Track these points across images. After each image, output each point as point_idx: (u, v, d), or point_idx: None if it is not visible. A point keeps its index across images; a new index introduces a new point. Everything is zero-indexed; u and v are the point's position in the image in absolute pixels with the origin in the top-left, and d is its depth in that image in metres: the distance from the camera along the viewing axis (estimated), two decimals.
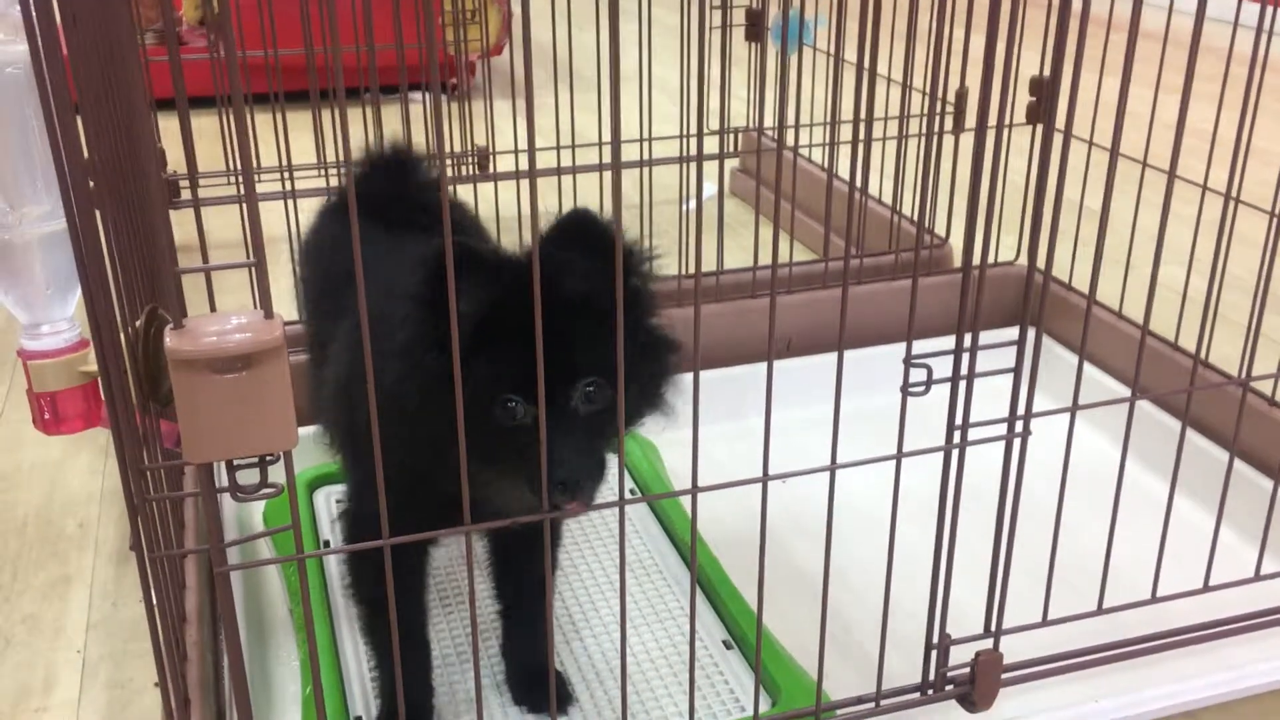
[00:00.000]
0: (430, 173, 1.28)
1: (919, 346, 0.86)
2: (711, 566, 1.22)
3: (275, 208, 1.45)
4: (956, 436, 0.91)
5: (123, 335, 0.81)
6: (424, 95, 1.81)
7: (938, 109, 1.70)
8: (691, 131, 1.85)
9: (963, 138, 1.73)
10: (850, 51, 0.88)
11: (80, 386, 1.21)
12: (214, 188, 1.81)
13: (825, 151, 2.13)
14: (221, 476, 0.70)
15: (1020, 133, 1.21)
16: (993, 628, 0.99)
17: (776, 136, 1.83)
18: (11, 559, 1.34)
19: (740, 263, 1.73)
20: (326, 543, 1.28)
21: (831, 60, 1.67)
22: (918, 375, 0.86)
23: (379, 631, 1.02)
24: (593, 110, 1.67)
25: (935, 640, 0.97)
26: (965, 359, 0.88)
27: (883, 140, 1.75)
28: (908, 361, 0.86)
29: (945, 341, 0.87)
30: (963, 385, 0.89)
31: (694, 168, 1.79)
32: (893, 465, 0.90)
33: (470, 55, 2.29)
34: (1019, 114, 1.30)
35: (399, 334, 0.81)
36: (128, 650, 1.19)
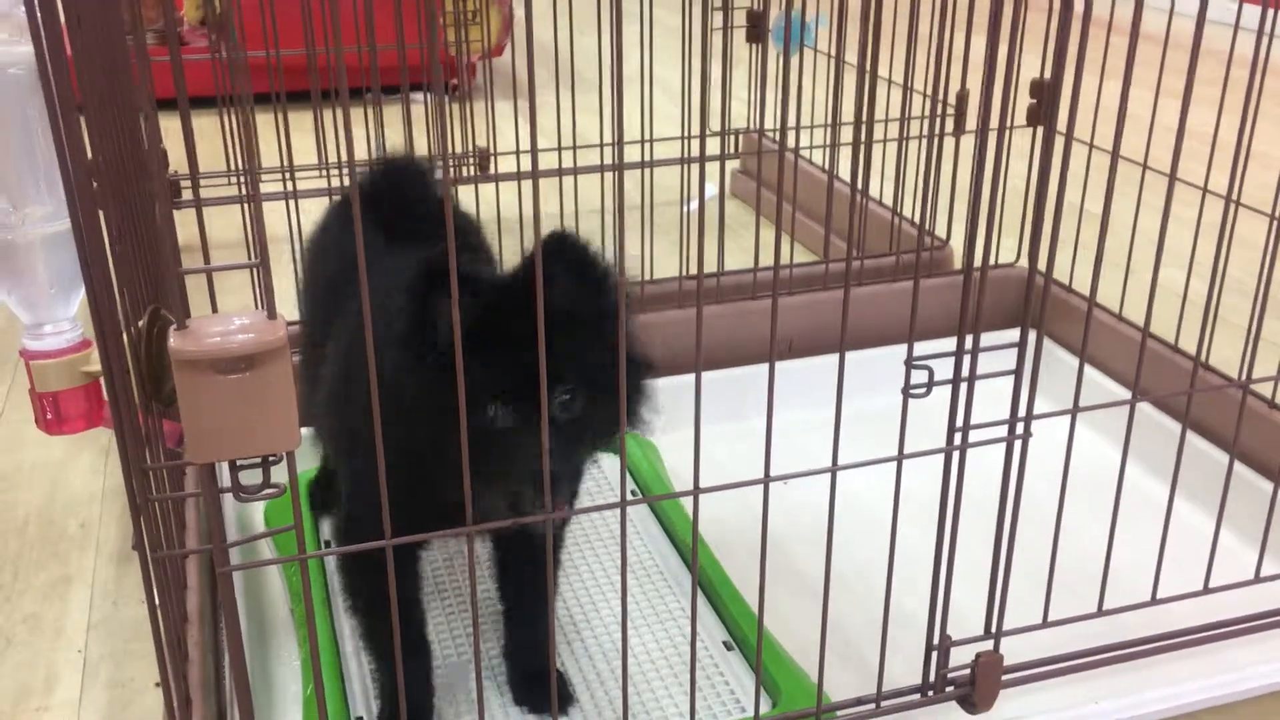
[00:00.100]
0: (435, 181, 1.29)
1: (920, 348, 0.87)
2: (712, 567, 1.23)
3: (276, 208, 1.45)
4: (957, 438, 0.91)
5: (125, 336, 0.81)
6: (425, 96, 1.81)
7: (939, 111, 1.70)
8: (693, 133, 1.85)
9: (963, 140, 1.73)
10: (851, 53, 0.88)
11: (82, 386, 1.21)
12: (214, 188, 1.81)
13: (826, 153, 2.14)
14: (224, 477, 0.70)
15: (1020, 135, 1.21)
16: (993, 629, 0.99)
17: (778, 138, 1.83)
18: (12, 559, 1.34)
19: (741, 264, 1.73)
20: (328, 543, 1.28)
21: (832, 62, 1.67)
22: (919, 377, 0.86)
23: (378, 636, 1.02)
24: (594, 111, 1.67)
25: (936, 641, 0.97)
26: (966, 361, 0.89)
27: (883, 142, 1.76)
28: (909, 363, 0.87)
29: (946, 343, 0.87)
30: (964, 387, 0.89)
31: (695, 168, 1.79)
32: (893, 467, 0.90)
33: (471, 56, 2.29)
34: (1019, 116, 1.30)
35: (395, 328, 0.82)
36: (129, 650, 1.19)
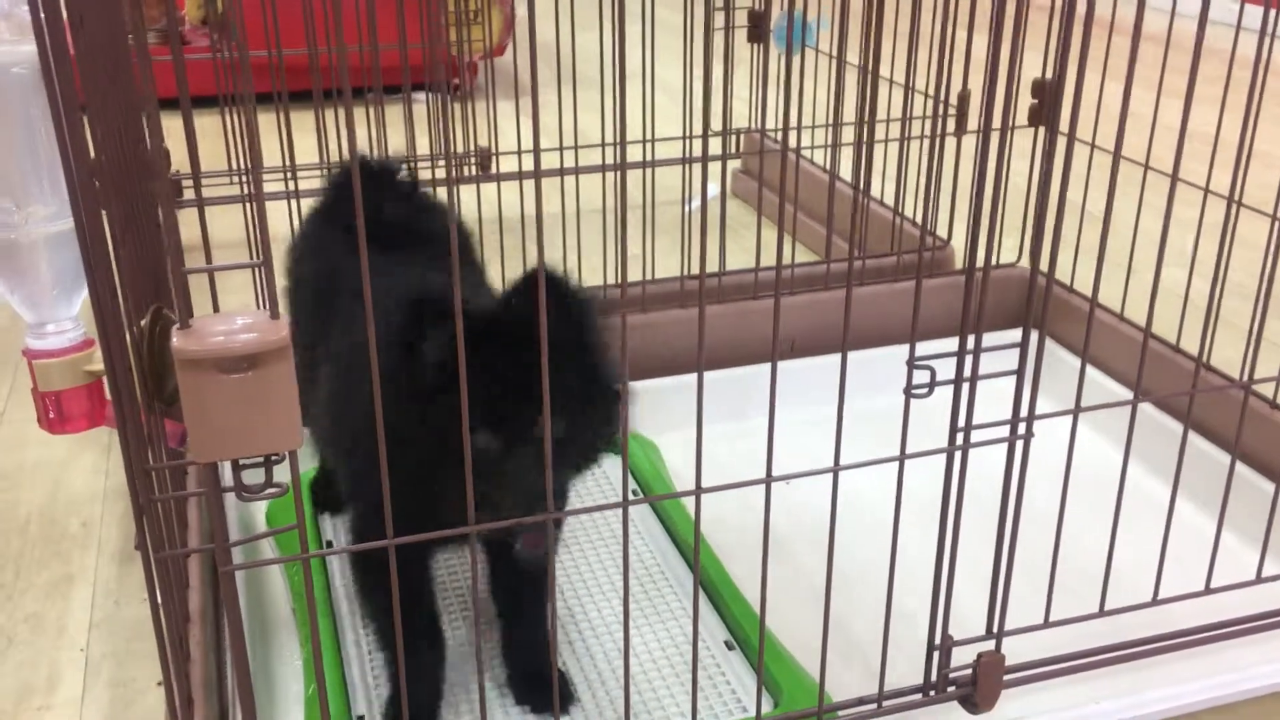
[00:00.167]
0: (409, 180, 1.29)
1: (921, 348, 0.87)
2: (713, 567, 1.23)
3: (278, 207, 1.45)
4: (959, 438, 0.91)
5: (127, 335, 0.81)
6: (427, 95, 1.81)
7: (941, 111, 1.70)
8: (693, 132, 1.85)
9: (964, 139, 1.73)
10: (853, 53, 0.88)
11: (85, 386, 1.21)
12: (215, 187, 1.81)
13: (827, 153, 2.14)
14: (226, 476, 0.70)
15: (1021, 135, 1.21)
16: (995, 629, 0.99)
17: (781, 138, 1.83)
18: (14, 558, 1.34)
19: (741, 264, 1.73)
20: (329, 543, 1.28)
21: (833, 62, 1.67)
22: (921, 377, 0.86)
23: (391, 634, 1.03)
24: (595, 110, 1.67)
25: (937, 641, 0.97)
26: (968, 361, 0.89)
27: (885, 142, 1.76)
28: (911, 363, 0.87)
29: (947, 343, 0.88)
30: (965, 387, 0.89)
31: (696, 168, 1.79)
32: (893, 466, 0.90)
33: (473, 55, 2.29)
34: (1021, 116, 1.30)
35: (382, 364, 0.85)
36: (130, 649, 1.20)
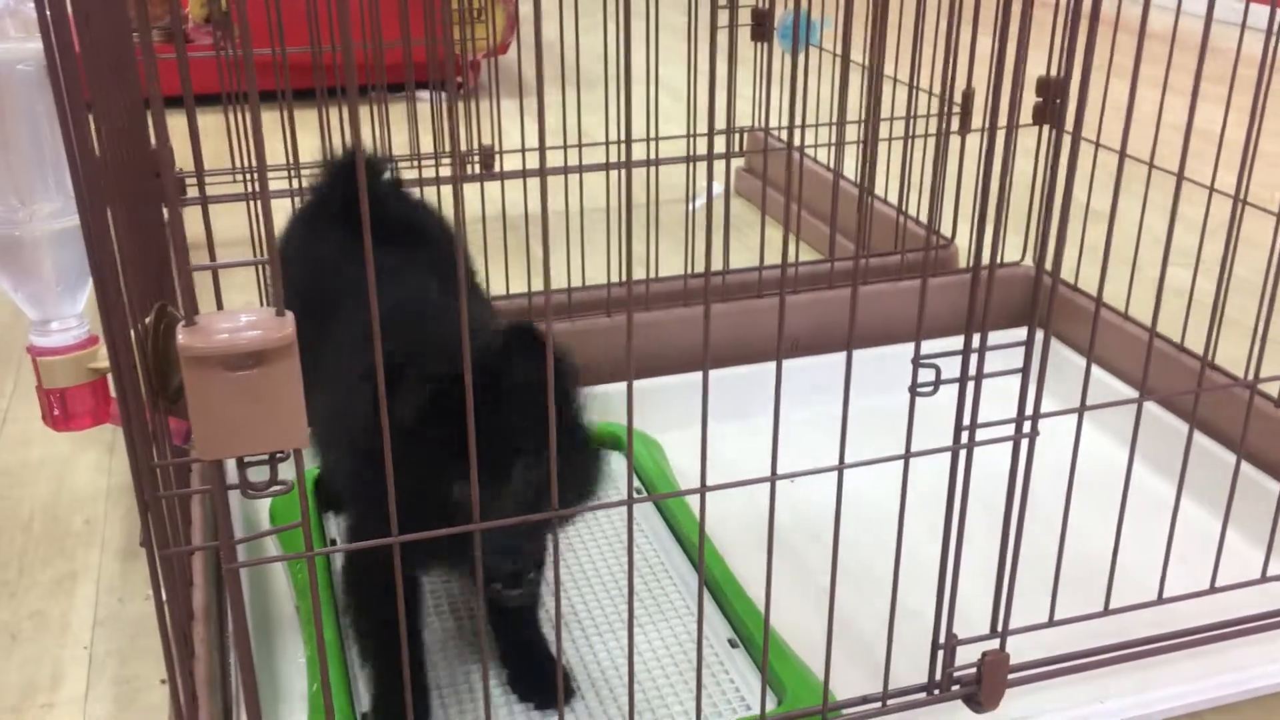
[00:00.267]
0: (390, 177, 1.29)
1: (925, 347, 0.86)
2: (717, 565, 1.23)
3: (280, 205, 1.45)
4: (965, 437, 0.91)
5: (132, 332, 0.81)
6: (431, 94, 1.81)
7: (945, 110, 1.70)
8: (697, 131, 1.85)
9: (969, 138, 1.73)
10: (857, 52, 0.88)
11: (89, 383, 1.21)
12: (219, 185, 1.81)
13: (830, 151, 2.14)
14: (231, 474, 0.70)
15: (1025, 133, 1.21)
16: (999, 628, 0.99)
17: (786, 137, 1.82)
18: (18, 555, 1.34)
19: (745, 262, 1.73)
20: (334, 540, 1.28)
21: (837, 60, 1.67)
22: (926, 375, 0.86)
23: (378, 655, 1.04)
24: (597, 109, 1.67)
25: (942, 640, 0.97)
26: (973, 359, 0.89)
27: (889, 140, 1.75)
28: (916, 361, 0.87)
29: (951, 342, 0.87)
30: (971, 385, 0.89)
31: (699, 167, 1.79)
32: (897, 465, 0.90)
33: (476, 54, 2.29)
34: (1025, 114, 1.30)
35: (355, 419, 0.86)
36: (134, 647, 1.20)
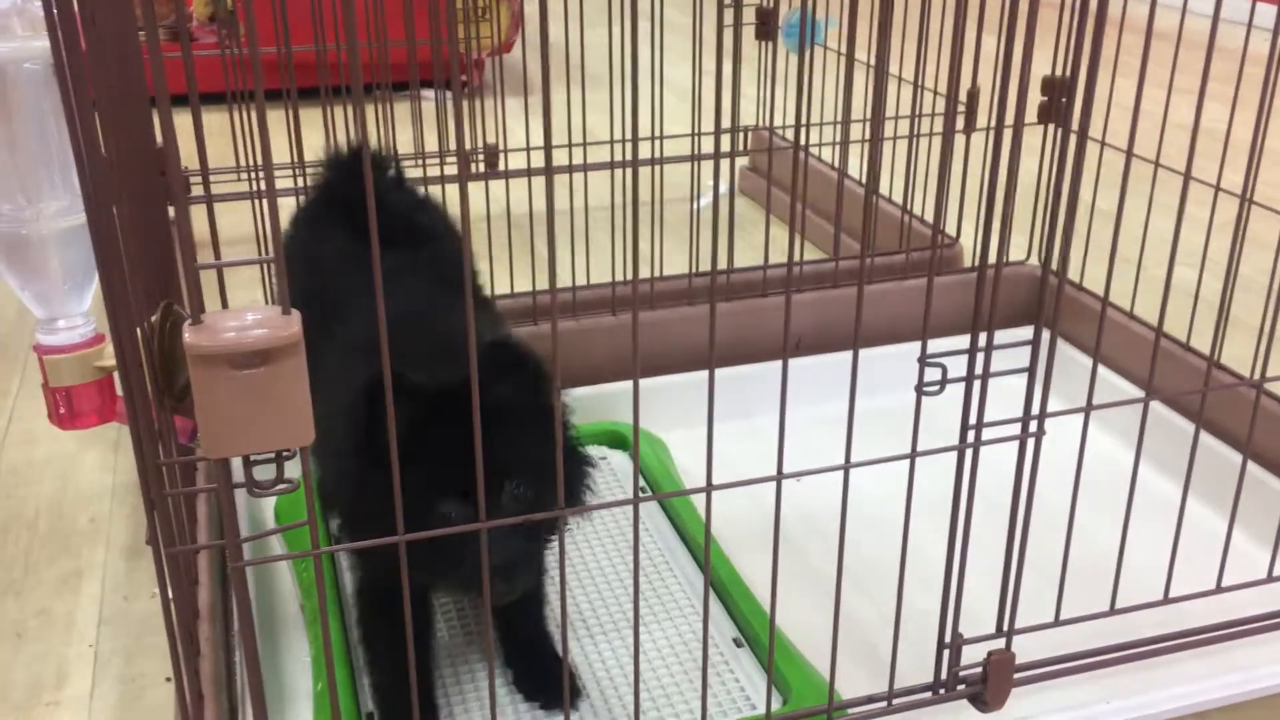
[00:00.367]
0: (395, 173, 1.29)
1: (930, 346, 0.86)
2: (722, 564, 1.23)
3: (285, 204, 1.45)
4: (970, 436, 0.91)
5: (138, 330, 0.81)
6: (437, 94, 1.81)
7: (950, 109, 1.70)
8: (702, 129, 1.85)
9: (973, 137, 1.72)
10: (861, 50, 0.88)
11: (95, 381, 1.21)
12: (223, 184, 1.81)
13: (835, 150, 2.14)
14: (237, 472, 0.70)
15: (1030, 132, 1.21)
16: (1005, 628, 0.99)
17: (793, 136, 1.82)
18: (24, 553, 1.34)
19: (749, 261, 1.73)
20: (337, 539, 1.28)
21: (842, 59, 1.67)
22: (932, 374, 0.86)
23: (386, 658, 1.03)
24: (601, 108, 1.67)
25: (947, 639, 0.97)
26: (979, 358, 0.88)
27: (893, 139, 1.75)
28: (923, 360, 0.86)
29: (956, 341, 0.87)
30: (977, 385, 0.89)
31: (704, 165, 1.79)
32: (901, 464, 0.90)
33: (481, 52, 2.29)
34: (1030, 113, 1.30)
35: (341, 439, 0.86)
36: (140, 645, 1.20)
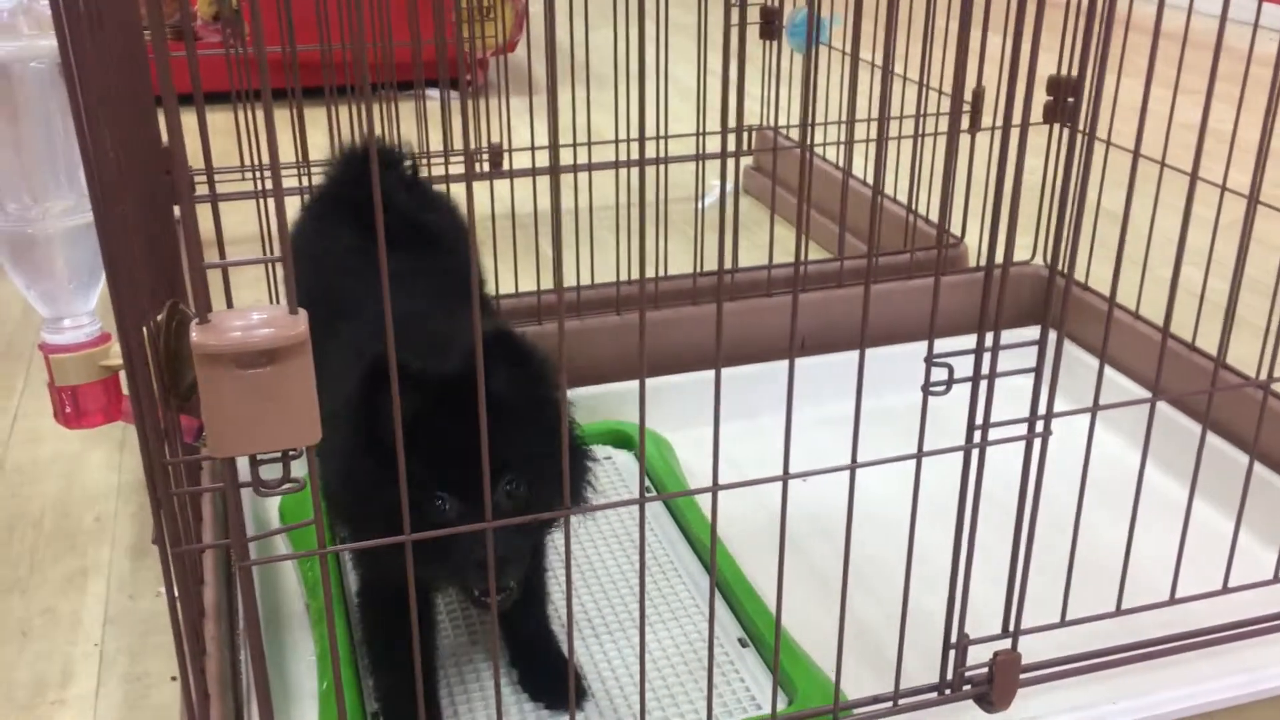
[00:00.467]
0: (409, 171, 1.28)
1: (936, 346, 0.86)
2: (727, 564, 1.22)
3: (291, 203, 1.45)
4: (977, 436, 0.91)
5: (144, 330, 0.81)
6: (442, 92, 1.81)
7: (956, 108, 1.70)
8: (706, 129, 1.85)
9: (978, 137, 1.72)
10: (867, 51, 0.88)
11: (101, 381, 1.21)
12: (226, 183, 1.81)
13: (840, 150, 2.13)
14: (243, 471, 0.70)
15: (1035, 132, 1.21)
16: (1011, 628, 0.98)
17: (800, 135, 1.81)
18: (29, 552, 1.34)
19: (753, 261, 1.73)
20: (343, 538, 1.28)
21: (847, 59, 1.67)
22: (939, 374, 0.86)
23: (390, 659, 1.04)
24: (605, 107, 1.67)
25: (954, 640, 0.97)
26: (986, 358, 0.88)
27: (898, 139, 1.75)
28: (929, 360, 0.86)
29: (960, 341, 0.87)
30: (983, 385, 0.89)
31: (708, 165, 1.79)
32: (907, 465, 0.90)
33: (485, 52, 2.29)
34: (1035, 113, 1.29)
35: (339, 429, 0.85)
36: (145, 644, 1.20)
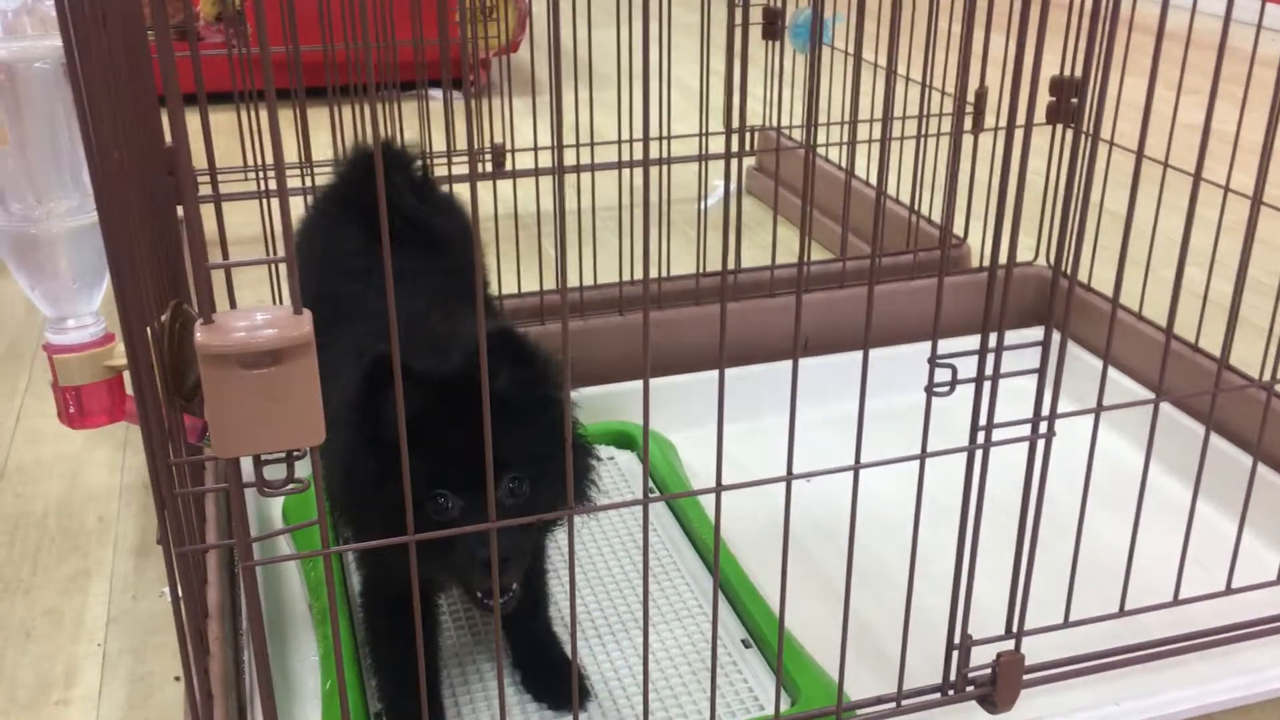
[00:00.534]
0: (419, 172, 1.28)
1: (939, 347, 0.86)
2: (730, 565, 1.22)
3: (294, 204, 1.45)
4: (981, 437, 0.91)
5: (148, 330, 0.81)
6: (446, 92, 1.81)
7: (959, 109, 1.70)
8: (710, 129, 1.85)
9: (981, 137, 1.72)
10: (870, 51, 0.88)
11: (105, 381, 1.21)
12: (229, 184, 1.81)
13: (843, 151, 2.13)
14: (247, 471, 0.70)
15: (1038, 132, 1.21)
16: (1014, 629, 0.99)
17: (801, 135, 1.82)
18: (32, 552, 1.34)
19: (756, 261, 1.73)
20: (346, 539, 1.28)
21: (850, 59, 1.67)
22: (942, 375, 0.86)
23: (392, 658, 1.04)
24: (608, 107, 1.67)
25: (957, 641, 0.97)
26: (990, 359, 0.88)
27: (901, 140, 1.75)
28: (933, 361, 0.86)
29: (964, 341, 0.87)
30: (987, 386, 0.89)
31: (711, 165, 1.79)
32: (910, 465, 0.90)
33: (488, 52, 2.29)
34: (1039, 114, 1.29)
35: (339, 438, 0.84)
36: (148, 644, 1.20)
